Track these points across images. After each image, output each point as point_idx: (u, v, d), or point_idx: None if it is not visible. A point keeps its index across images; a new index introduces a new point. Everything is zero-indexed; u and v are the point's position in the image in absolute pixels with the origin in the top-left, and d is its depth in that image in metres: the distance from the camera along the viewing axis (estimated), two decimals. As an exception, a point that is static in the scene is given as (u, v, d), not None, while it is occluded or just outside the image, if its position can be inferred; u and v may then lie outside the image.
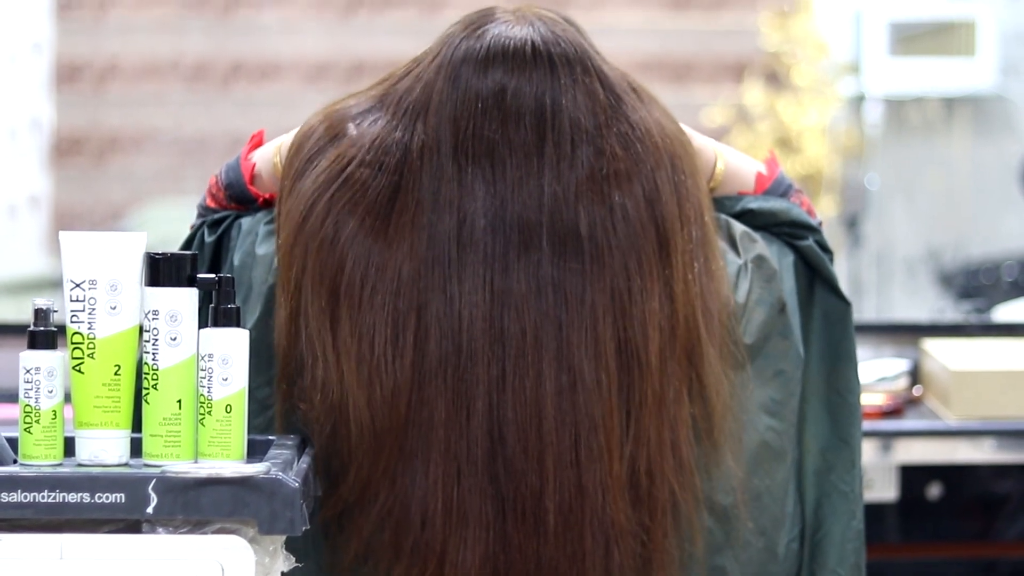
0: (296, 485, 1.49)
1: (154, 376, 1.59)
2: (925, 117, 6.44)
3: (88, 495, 1.47)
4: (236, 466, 1.53)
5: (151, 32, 6.80)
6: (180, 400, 1.59)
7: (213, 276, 1.61)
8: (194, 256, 1.61)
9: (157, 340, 1.58)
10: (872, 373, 2.85)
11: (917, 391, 2.93)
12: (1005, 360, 2.80)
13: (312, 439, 1.70)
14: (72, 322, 1.59)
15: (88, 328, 1.58)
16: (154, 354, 1.58)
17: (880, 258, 6.36)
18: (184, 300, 1.59)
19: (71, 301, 1.59)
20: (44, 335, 1.59)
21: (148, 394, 1.59)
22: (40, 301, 1.60)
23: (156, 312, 1.59)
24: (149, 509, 1.47)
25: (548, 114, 1.68)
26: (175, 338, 1.59)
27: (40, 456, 1.58)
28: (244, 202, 1.83)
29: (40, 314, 1.60)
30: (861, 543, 1.85)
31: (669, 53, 6.85)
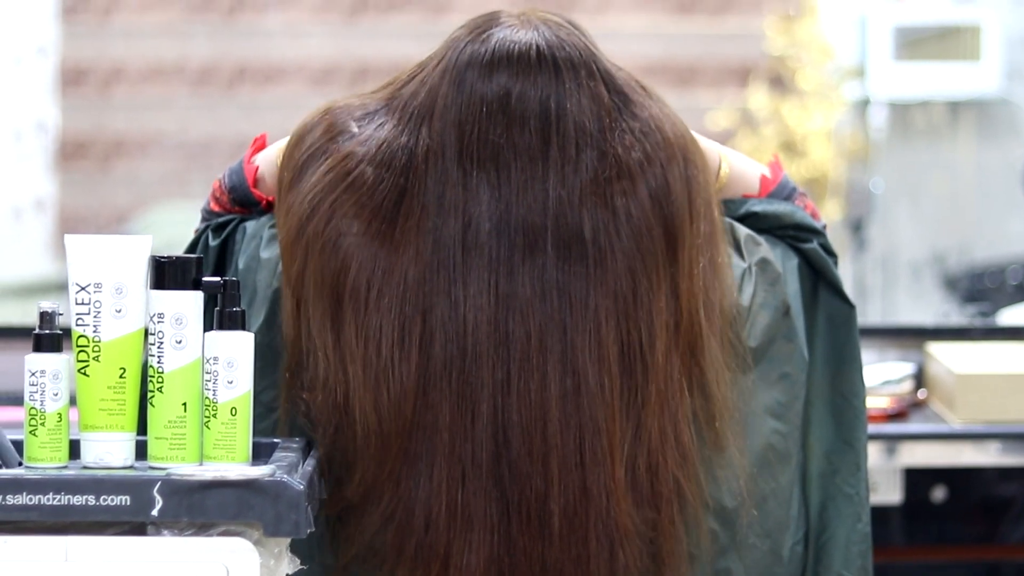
0: (301, 488, 1.49)
1: (159, 379, 1.59)
2: (930, 121, 6.43)
3: (93, 497, 1.47)
4: (241, 469, 1.53)
5: (156, 36, 6.80)
6: (185, 403, 1.59)
7: (218, 279, 1.61)
8: (199, 259, 1.61)
9: (162, 343, 1.59)
10: (877, 376, 2.85)
11: (922, 394, 2.93)
12: (1010, 363, 2.80)
13: (316, 437, 1.70)
14: (77, 325, 1.59)
15: (93, 331, 1.58)
16: (159, 357, 1.59)
17: (885, 262, 6.36)
18: (189, 303, 1.59)
19: (76, 304, 1.59)
20: (49, 338, 1.60)
21: (153, 397, 1.59)
22: (45, 304, 1.61)
23: (161, 315, 1.59)
24: (154, 511, 1.47)
25: (553, 118, 1.68)
26: (180, 341, 1.59)
27: (45, 459, 1.58)
28: (248, 205, 1.83)
29: (45, 317, 1.60)
30: (868, 546, 1.84)
31: (674, 57, 6.85)
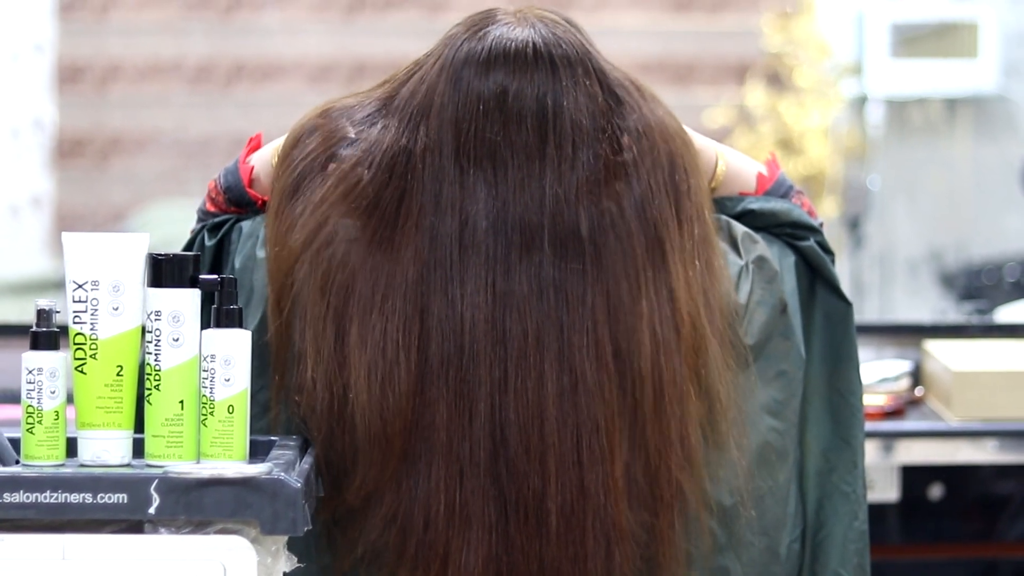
0: (298, 485, 1.49)
1: (156, 377, 1.59)
2: (927, 118, 6.44)
3: (90, 496, 1.47)
4: (238, 467, 1.53)
5: (153, 33, 6.80)
6: (182, 401, 1.59)
7: (215, 277, 1.61)
8: (196, 257, 1.61)
9: (159, 341, 1.59)
10: (874, 374, 2.85)
11: (919, 392, 2.93)
12: (1007, 361, 2.80)
13: (311, 438, 1.70)
14: (75, 323, 1.59)
15: (91, 329, 1.58)
16: (156, 355, 1.59)
17: (882, 259, 6.36)
18: (186, 301, 1.59)
19: (74, 302, 1.59)
20: (47, 336, 1.60)
21: (150, 395, 1.59)
22: (42, 302, 1.61)
23: (158, 313, 1.59)
24: (151, 509, 1.47)
25: (549, 115, 1.68)
26: (177, 339, 1.59)
27: (42, 457, 1.58)
28: (243, 205, 1.83)
29: (42, 315, 1.60)
30: (865, 544, 1.84)
31: (671, 54, 6.85)
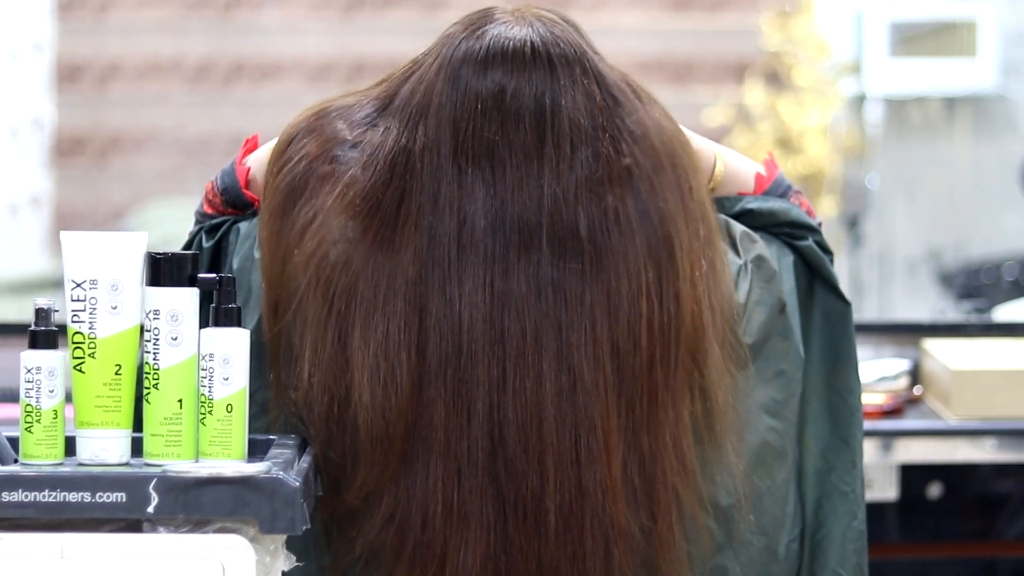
0: (297, 484, 1.49)
1: (155, 376, 1.59)
2: (926, 117, 6.44)
3: (89, 494, 1.47)
4: (237, 465, 1.53)
5: (152, 32, 6.80)
6: (181, 400, 1.59)
7: (214, 276, 1.61)
8: (195, 256, 1.61)
9: (158, 340, 1.59)
10: (873, 373, 2.85)
11: (917, 391, 2.93)
12: (1006, 360, 2.80)
13: (310, 439, 1.70)
14: (73, 322, 1.59)
15: (89, 328, 1.58)
16: (155, 354, 1.59)
17: (881, 258, 6.36)
18: (185, 300, 1.59)
19: (72, 301, 1.59)
20: (45, 335, 1.60)
21: (149, 394, 1.59)
22: (41, 301, 1.61)
23: (157, 312, 1.59)
24: (150, 508, 1.47)
25: (548, 115, 1.68)
26: (176, 338, 1.59)
27: (41, 456, 1.58)
28: (240, 207, 1.83)
29: (41, 314, 1.60)
30: (863, 544, 1.85)
31: (670, 53, 6.85)
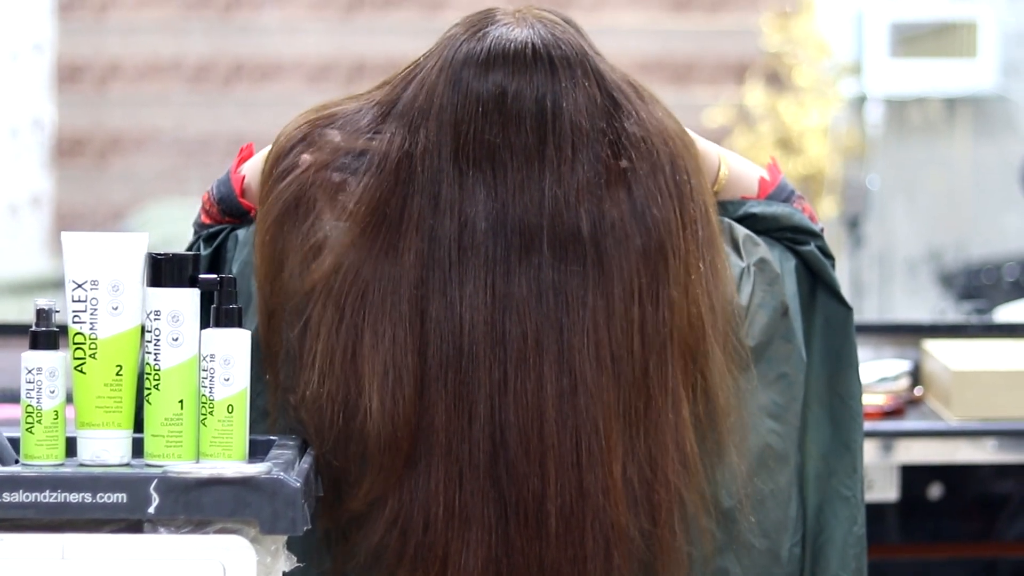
0: (298, 485, 1.49)
1: (156, 376, 1.59)
2: (926, 118, 6.44)
3: (90, 495, 1.47)
4: (238, 466, 1.53)
5: (152, 32, 6.80)
6: (182, 400, 1.59)
7: (215, 276, 1.61)
8: (196, 256, 1.61)
9: (159, 340, 1.59)
10: (873, 373, 2.85)
11: (918, 391, 2.93)
12: (1006, 360, 2.80)
13: (311, 445, 1.69)
14: (74, 322, 1.59)
15: (90, 328, 1.58)
16: (156, 354, 1.59)
17: (881, 258, 6.36)
18: (186, 300, 1.59)
19: (73, 301, 1.59)
20: (46, 335, 1.60)
21: (150, 394, 1.59)
22: (42, 301, 1.61)
23: (158, 312, 1.59)
24: (151, 509, 1.47)
25: (549, 117, 1.68)
26: (177, 338, 1.59)
27: (42, 456, 1.58)
28: (238, 215, 1.83)
29: (42, 314, 1.60)
30: (863, 548, 1.85)
31: (670, 54, 6.85)
